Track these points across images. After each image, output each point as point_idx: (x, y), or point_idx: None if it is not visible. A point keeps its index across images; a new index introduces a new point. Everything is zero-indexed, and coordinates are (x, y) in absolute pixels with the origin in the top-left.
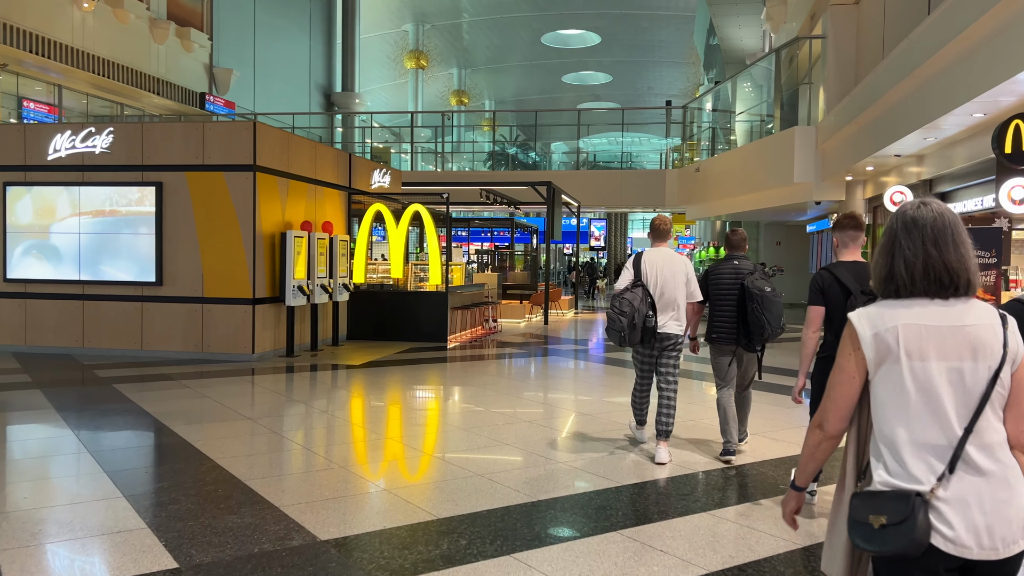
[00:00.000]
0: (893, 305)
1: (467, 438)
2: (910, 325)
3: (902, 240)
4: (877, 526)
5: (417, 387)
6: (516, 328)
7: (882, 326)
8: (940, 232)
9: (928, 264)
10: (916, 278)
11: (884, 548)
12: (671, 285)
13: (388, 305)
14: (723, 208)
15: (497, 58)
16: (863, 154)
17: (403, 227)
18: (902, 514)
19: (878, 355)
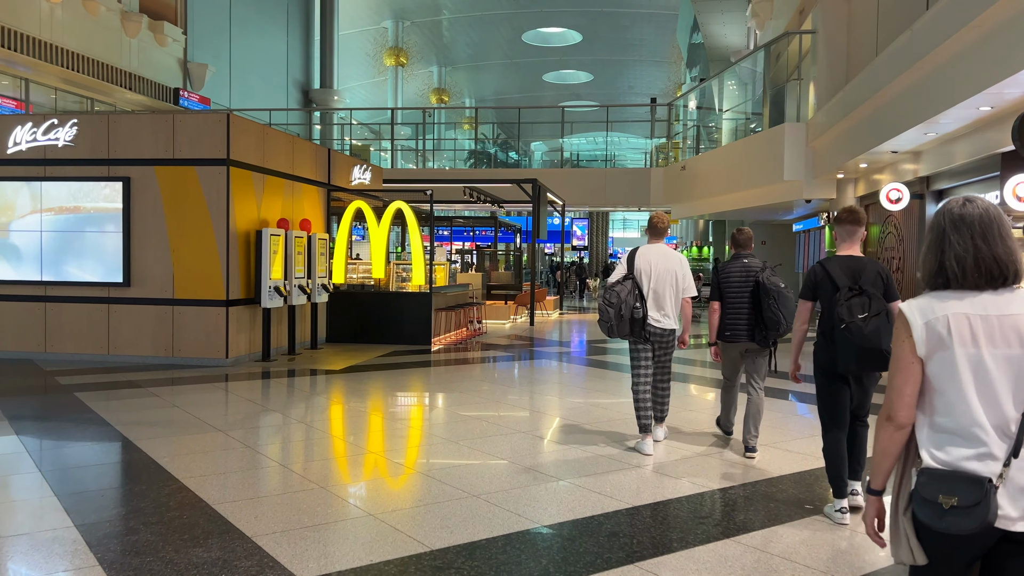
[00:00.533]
0: (943, 296)
1: (457, 451)
2: (959, 315)
3: (951, 236)
4: (947, 506)
5: (401, 394)
6: (501, 330)
7: (932, 315)
8: (987, 227)
9: (979, 258)
10: (967, 271)
11: (953, 528)
12: (663, 282)
13: (369, 306)
14: (710, 207)
15: (477, 56)
16: (857, 151)
17: (384, 225)
18: (975, 498)
19: (929, 344)
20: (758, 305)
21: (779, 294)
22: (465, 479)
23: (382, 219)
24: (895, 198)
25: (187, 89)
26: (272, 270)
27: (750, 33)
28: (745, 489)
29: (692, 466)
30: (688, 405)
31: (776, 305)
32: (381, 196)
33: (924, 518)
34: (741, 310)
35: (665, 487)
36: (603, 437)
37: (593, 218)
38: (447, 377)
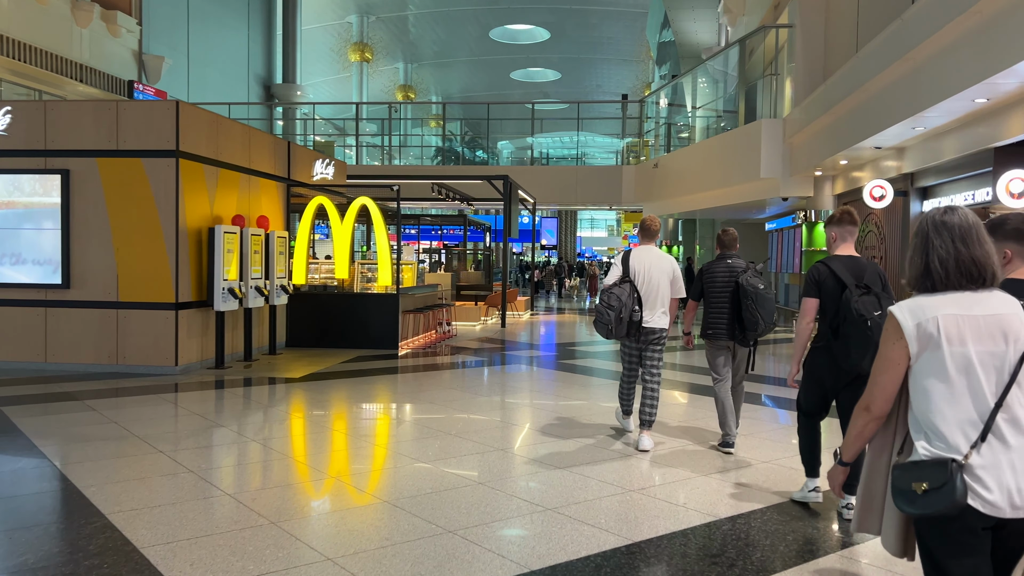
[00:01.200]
0: (930, 298)
1: (429, 475)
2: (949, 315)
3: (934, 240)
4: (920, 492)
5: (366, 405)
6: (472, 332)
7: (923, 317)
8: (967, 232)
9: (959, 260)
10: (950, 272)
11: (927, 510)
12: (658, 282)
13: (332, 309)
14: (683, 205)
15: (444, 53)
16: (838, 147)
17: (348, 223)
18: (941, 479)
19: (920, 343)
20: (739, 305)
21: (757, 295)
22: (439, 510)
23: (346, 216)
24: (879, 195)
25: (142, 82)
26: (226, 270)
27: (721, 30)
28: (758, 519)
29: (692, 491)
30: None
31: (754, 306)
32: (345, 192)
33: (901, 506)
34: (723, 310)
35: (665, 514)
36: (586, 452)
37: (562, 217)
38: (416, 385)
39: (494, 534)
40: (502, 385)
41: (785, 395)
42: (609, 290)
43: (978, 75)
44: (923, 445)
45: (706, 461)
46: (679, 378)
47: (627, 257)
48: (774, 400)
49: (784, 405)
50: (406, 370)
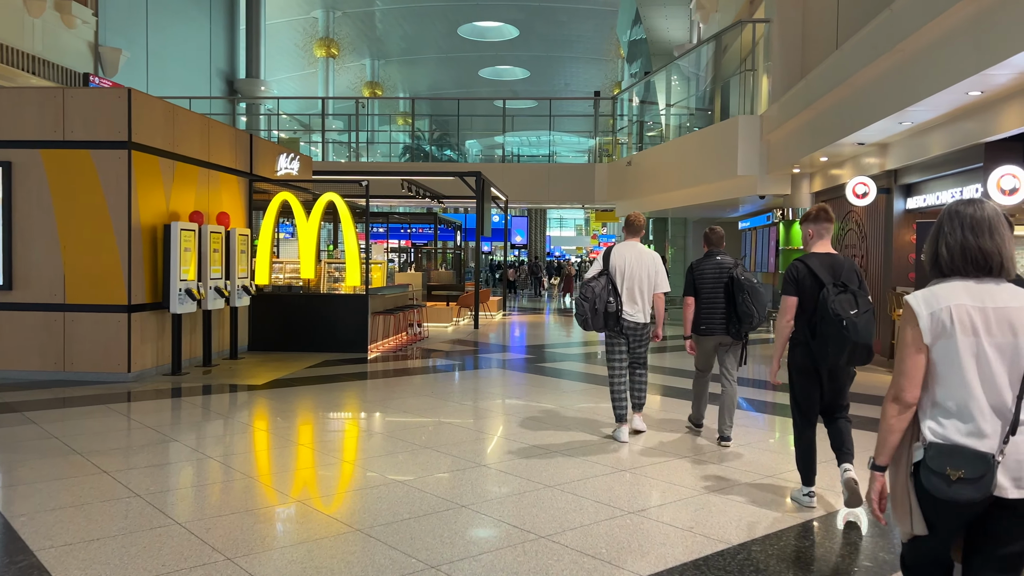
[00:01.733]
0: (942, 287)
1: (406, 497)
2: (960, 306)
3: (945, 228)
4: (955, 478)
5: (335, 415)
6: (444, 333)
7: (936, 306)
8: (978, 222)
9: (965, 247)
10: (955, 258)
11: (959, 497)
12: (639, 276)
13: (298, 310)
14: (657, 203)
15: (411, 49)
16: (818, 144)
17: (315, 220)
18: (980, 471)
19: (934, 332)
20: (731, 300)
21: (752, 289)
22: (419, 540)
23: (312, 213)
24: (861, 192)
25: (98, 75)
26: (183, 270)
27: (694, 27)
28: (795, 541)
29: (697, 511)
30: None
31: (750, 299)
32: (311, 189)
33: (931, 487)
34: (716, 305)
35: (671, 540)
36: (575, 465)
37: (531, 217)
38: (387, 391)
39: (483, 570)
40: (477, 390)
41: (761, 397)
42: (587, 283)
43: (973, 67)
44: (930, 427)
45: (706, 475)
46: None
47: (608, 252)
48: (751, 403)
49: (762, 408)
50: (376, 375)
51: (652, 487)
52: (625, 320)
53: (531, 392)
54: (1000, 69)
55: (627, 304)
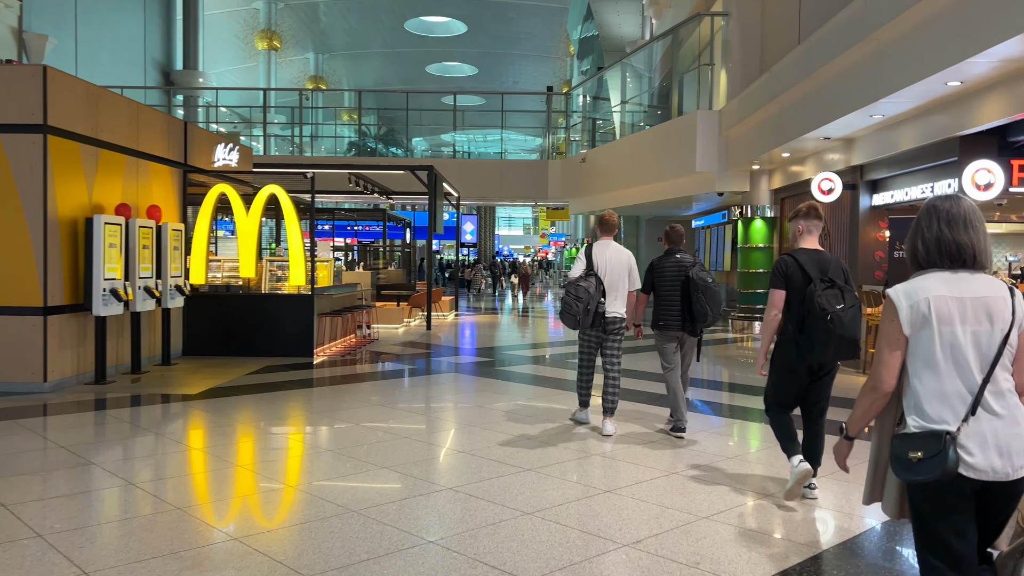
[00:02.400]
0: (922, 280)
1: (365, 536)
2: (939, 297)
3: (922, 222)
4: (915, 460)
5: (278, 430)
6: (395, 335)
7: (916, 298)
8: (954, 216)
9: (941, 240)
10: (931, 251)
11: (921, 476)
12: (617, 275)
13: (237, 312)
14: (612, 201)
15: (357, 44)
16: (781, 139)
17: (255, 215)
18: (935, 449)
19: (913, 323)
20: (687, 298)
21: (707, 288)
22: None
23: (252, 207)
24: (827, 188)
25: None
26: (108, 268)
27: (646, 22)
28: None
29: (696, 539)
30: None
31: (704, 299)
32: (252, 182)
33: (897, 472)
34: (674, 302)
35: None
36: (549, 486)
37: (481, 215)
38: (335, 402)
39: None
40: (433, 398)
41: (718, 399)
42: (576, 283)
43: (956, 55)
44: (914, 419)
45: (700, 493)
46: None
47: (590, 251)
48: (711, 406)
49: (722, 412)
50: (323, 382)
51: (645, 510)
52: (606, 316)
53: (490, 398)
54: (983, 57)
55: (608, 301)
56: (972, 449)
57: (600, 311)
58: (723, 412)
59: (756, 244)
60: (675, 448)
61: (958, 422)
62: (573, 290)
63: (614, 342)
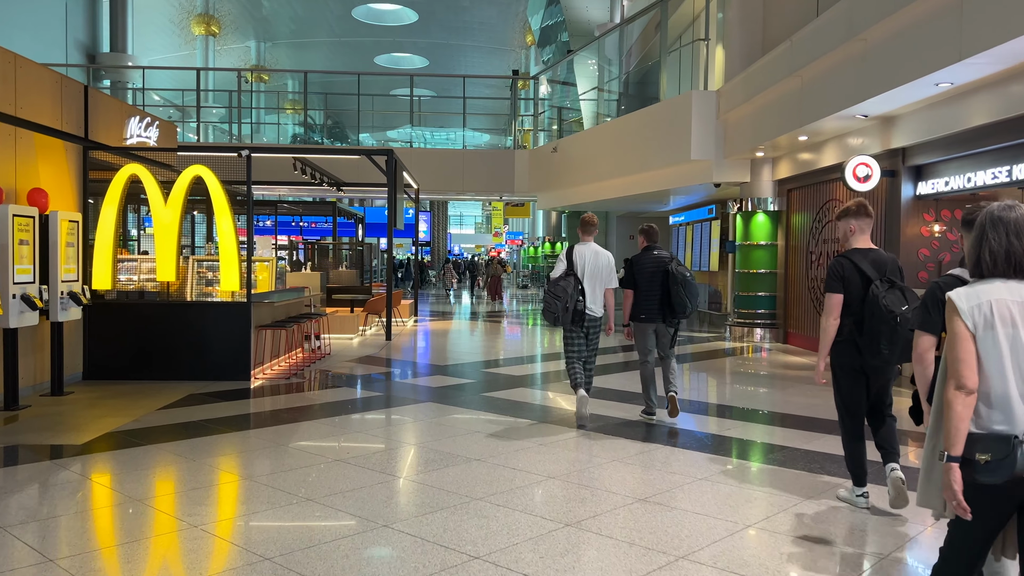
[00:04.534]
0: (982, 285)
1: None
2: (1000, 300)
3: (989, 233)
4: (983, 462)
5: (200, 512)
6: (350, 347)
7: (976, 301)
8: (1021, 226)
9: (1010, 252)
10: (999, 262)
11: (987, 479)
12: (597, 275)
13: (154, 325)
14: (588, 194)
15: (301, 31)
16: (799, 121)
17: (176, 203)
18: (1004, 452)
19: (974, 324)
20: (666, 291)
21: (686, 282)
22: None
23: (172, 193)
24: (863, 175)
25: None
26: None
27: (616, 4)
28: None
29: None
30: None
31: (683, 291)
32: (175, 166)
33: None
34: (652, 295)
35: None
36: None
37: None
38: (278, 451)
39: None
40: (411, 448)
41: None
42: (556, 283)
43: None
44: (978, 421)
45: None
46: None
47: (571, 252)
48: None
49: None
50: (262, 418)
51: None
52: (587, 314)
53: (484, 445)
54: None
55: (589, 300)
56: None
57: (579, 309)
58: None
59: (758, 241)
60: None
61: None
62: (553, 290)
63: (594, 337)
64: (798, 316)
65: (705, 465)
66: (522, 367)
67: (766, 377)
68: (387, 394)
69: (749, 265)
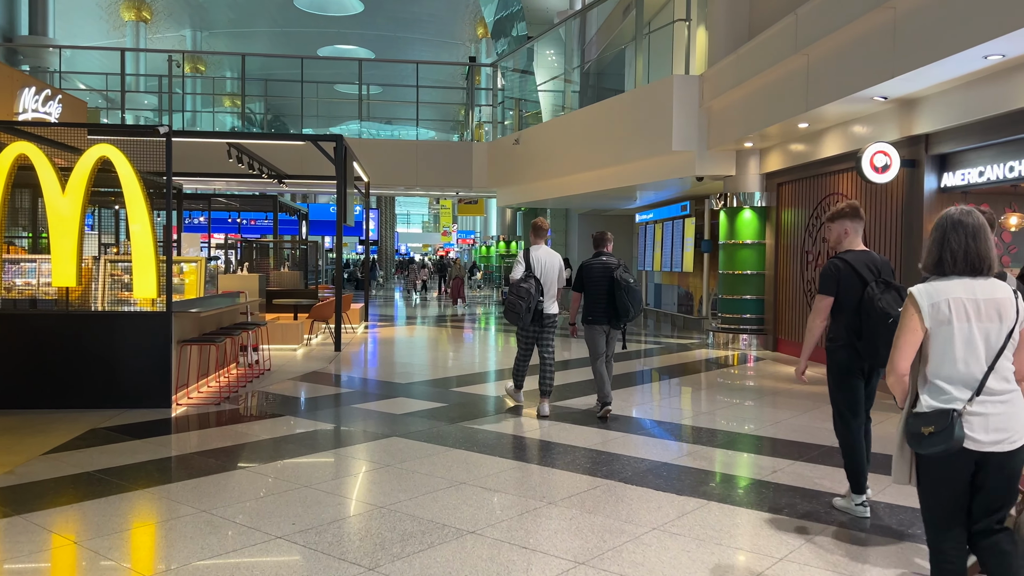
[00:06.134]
0: (942, 282)
1: None
2: (957, 298)
3: (951, 235)
4: (927, 434)
5: None
6: (293, 361)
7: (938, 298)
8: (977, 230)
9: (968, 252)
10: (958, 261)
11: (931, 448)
12: (551, 276)
13: (48, 341)
14: (553, 189)
15: (241, 20)
16: (801, 106)
17: (78, 191)
18: (944, 424)
19: (933, 320)
20: (612, 297)
21: (628, 288)
22: None
23: (72, 178)
24: (881, 165)
25: None
26: None
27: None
28: None
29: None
30: None
31: (626, 297)
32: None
33: (912, 445)
34: (600, 299)
35: None
36: None
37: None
38: (198, 523)
39: None
40: (376, 504)
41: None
42: (518, 284)
43: None
44: (926, 399)
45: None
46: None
47: (528, 255)
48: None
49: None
50: (183, 466)
51: None
52: (544, 313)
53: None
54: None
55: (545, 300)
56: (976, 426)
57: (540, 309)
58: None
59: (744, 240)
60: None
61: (964, 403)
62: (516, 291)
63: (548, 335)
64: (790, 321)
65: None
66: (499, 383)
67: (753, 390)
68: (339, 425)
69: (734, 266)
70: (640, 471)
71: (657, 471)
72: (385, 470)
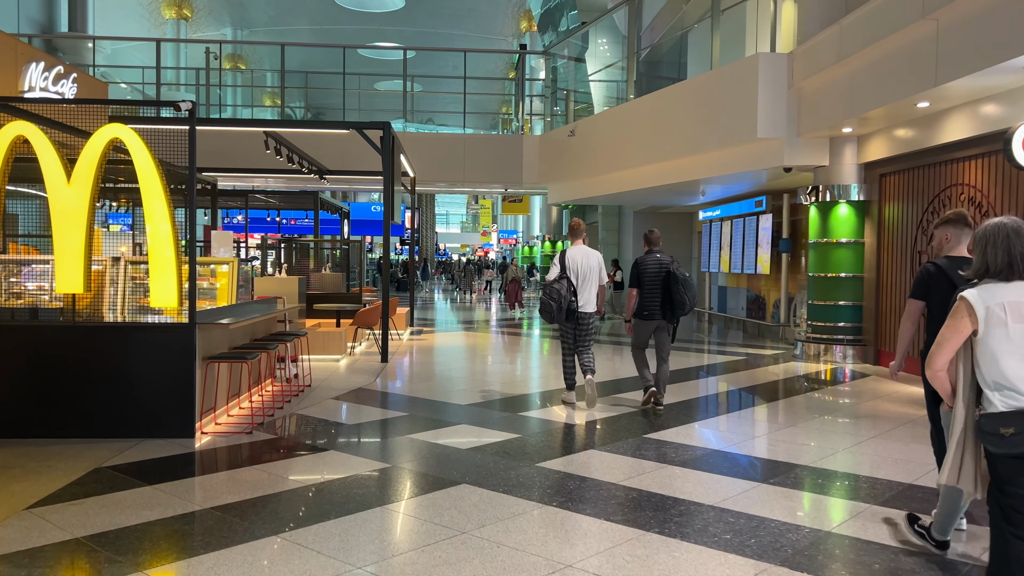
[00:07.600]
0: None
1: None
2: (1013, 302)
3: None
4: (1007, 435)
5: None
6: (336, 374)
7: (992, 302)
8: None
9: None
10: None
11: (1013, 449)
12: (588, 276)
13: (52, 356)
14: (611, 184)
15: (281, 18)
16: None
17: (86, 179)
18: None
19: (987, 322)
20: (667, 290)
21: (686, 281)
22: None
23: (78, 165)
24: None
25: None
26: None
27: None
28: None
29: None
30: None
31: (683, 290)
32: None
33: (989, 445)
34: (655, 294)
35: None
36: None
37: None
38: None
39: None
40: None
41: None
42: (551, 285)
43: None
44: (999, 398)
45: None
46: None
47: (563, 256)
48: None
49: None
50: (203, 529)
51: None
52: (579, 312)
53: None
54: None
55: (581, 299)
56: None
57: (572, 308)
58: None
59: (839, 239)
60: None
61: None
62: (549, 291)
63: (587, 333)
64: (895, 332)
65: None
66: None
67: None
68: (392, 463)
69: (827, 268)
70: (808, 550)
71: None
72: (459, 542)
